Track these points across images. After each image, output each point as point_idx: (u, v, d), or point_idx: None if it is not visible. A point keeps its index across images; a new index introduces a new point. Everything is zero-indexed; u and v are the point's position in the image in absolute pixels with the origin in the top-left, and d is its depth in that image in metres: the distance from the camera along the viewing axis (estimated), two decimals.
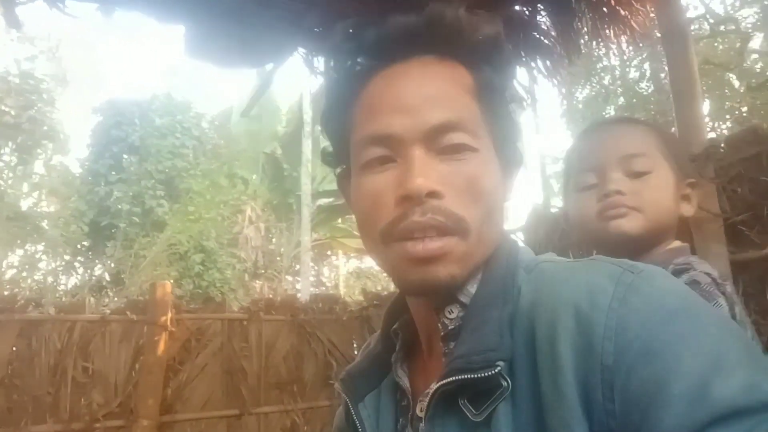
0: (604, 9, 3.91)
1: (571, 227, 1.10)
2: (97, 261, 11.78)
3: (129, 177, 10.98)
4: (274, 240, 14.95)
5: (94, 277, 11.47)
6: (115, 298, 9.77)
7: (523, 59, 3.59)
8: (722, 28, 10.59)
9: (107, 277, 11.23)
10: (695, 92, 2.90)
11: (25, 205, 11.27)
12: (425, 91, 0.59)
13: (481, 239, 0.59)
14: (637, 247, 0.98)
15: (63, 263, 11.66)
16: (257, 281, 13.68)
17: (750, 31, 11.32)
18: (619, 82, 12.85)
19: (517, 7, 3.33)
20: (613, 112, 12.73)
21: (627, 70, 12.56)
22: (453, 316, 0.60)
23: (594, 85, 13.08)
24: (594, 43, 4.62)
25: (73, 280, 11.96)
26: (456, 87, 0.61)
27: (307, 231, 11.84)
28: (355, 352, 4.33)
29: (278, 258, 14.60)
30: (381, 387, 0.69)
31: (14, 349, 3.41)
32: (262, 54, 4.59)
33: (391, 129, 0.59)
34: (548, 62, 3.68)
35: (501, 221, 0.63)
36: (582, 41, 4.41)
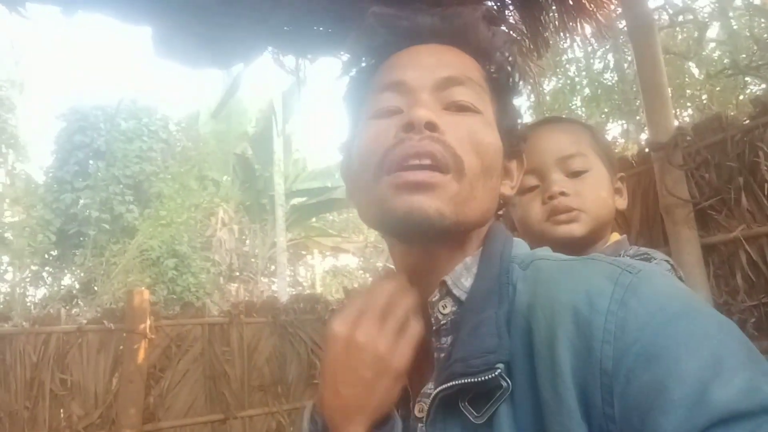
0: (571, 2, 3.99)
1: (518, 229, 1.12)
2: (65, 270, 11.49)
3: (96, 183, 10.72)
4: (248, 242, 14.80)
5: (63, 287, 11.19)
6: (85, 308, 9.54)
7: None
8: (680, 18, 10.87)
9: (77, 287, 10.96)
10: (662, 81, 2.99)
11: None
12: (437, 57, 0.64)
13: (474, 190, 0.58)
14: (583, 244, 1.02)
15: (30, 274, 11.33)
16: (233, 284, 13.53)
17: (707, 20, 11.67)
18: (584, 73, 13.07)
19: (487, 2, 3.37)
20: (579, 104, 12.98)
21: (591, 61, 12.80)
22: (446, 311, 0.59)
23: (560, 77, 13.29)
24: (561, 35, 4.72)
25: (42, 291, 11.65)
26: (466, 64, 0.65)
27: (282, 231, 11.76)
28: None
29: (253, 260, 14.46)
30: None
31: None
32: (230, 54, 4.54)
33: (403, 78, 0.62)
34: (518, 57, 3.75)
35: (495, 191, 0.64)
36: (549, 34, 4.50)
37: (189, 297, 10.21)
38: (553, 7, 4.18)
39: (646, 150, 3.08)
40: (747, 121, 2.65)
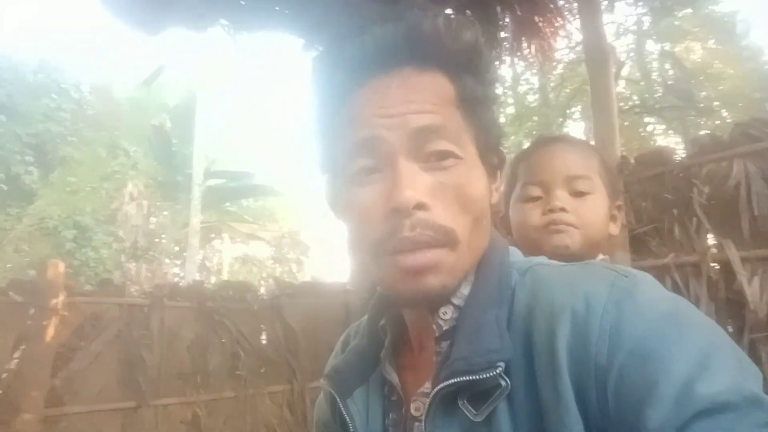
0: (524, 20, 4.16)
1: (513, 232, 1.18)
2: None
3: None
4: (154, 220, 14.00)
5: None
6: None
7: None
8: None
9: None
10: (612, 109, 3.19)
11: None
12: (408, 98, 0.60)
13: (470, 247, 0.61)
14: (572, 260, 1.08)
15: None
16: (134, 263, 12.74)
17: (624, 60, 12.65)
18: (510, 92, 13.66)
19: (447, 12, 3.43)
20: (502, 120, 13.54)
21: (519, 82, 13.41)
22: (447, 317, 0.61)
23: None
24: (510, 55, 4.89)
25: None
26: (436, 96, 0.61)
27: (197, 212, 11.24)
28: (263, 342, 4.21)
29: (158, 239, 13.70)
30: (370, 381, 0.70)
31: None
32: (180, 19, 4.28)
33: (376, 134, 0.59)
34: None
35: (488, 226, 0.65)
36: (499, 50, 4.65)
37: (87, 273, 9.52)
38: (510, 28, 4.34)
39: None
40: (685, 159, 2.89)
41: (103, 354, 3.54)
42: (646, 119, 13.47)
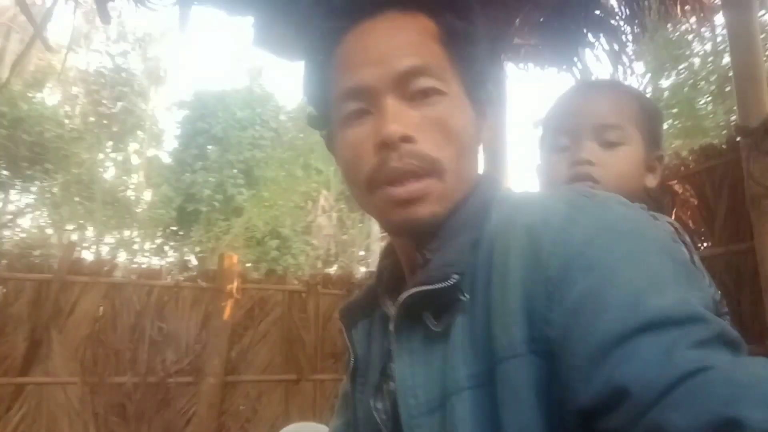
0: None
1: (540, 183, 1.11)
2: (184, 246, 12.66)
3: (212, 166, 11.71)
4: (351, 231, 15.34)
5: (183, 261, 12.31)
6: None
7: (588, 40, 3.53)
8: None
9: (194, 261, 12.04)
10: (756, 61, 2.77)
11: (120, 191, 12.31)
12: (391, 42, 0.63)
13: (458, 177, 0.63)
14: None
15: (155, 246, 12.63)
16: (329, 269, 14.12)
17: None
18: (711, 66, 11.99)
19: None
20: (703, 101, 11.97)
21: (718, 56, 11.72)
22: (431, 247, 0.64)
23: (681, 71, 12.32)
24: (664, 21, 4.44)
25: (162, 264, 12.91)
26: (420, 35, 0.64)
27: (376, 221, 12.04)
28: None
29: (351, 248, 14.96)
30: (375, 317, 0.76)
31: (100, 309, 3.82)
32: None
33: (362, 81, 0.63)
34: (614, 43, 3.60)
35: (475, 158, 0.68)
36: (649, 21, 4.26)
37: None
38: None
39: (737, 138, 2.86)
40: None
41: (270, 333, 4.14)
42: None
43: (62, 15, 18.06)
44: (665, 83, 12.61)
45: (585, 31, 3.46)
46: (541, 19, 3.41)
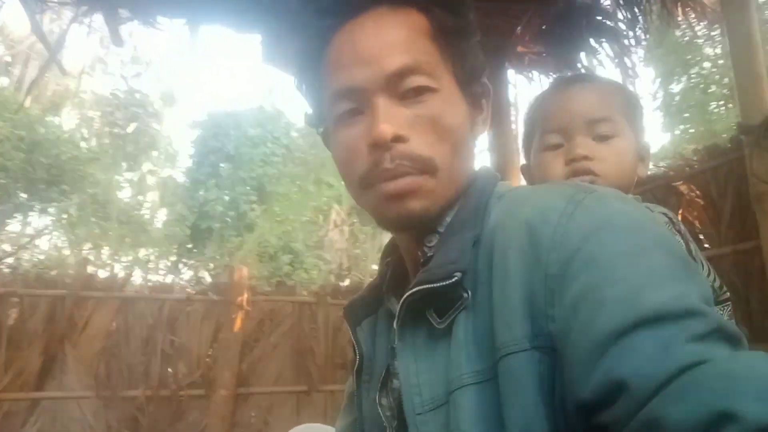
0: None
1: (533, 183, 1.11)
2: (198, 263, 12.76)
3: (224, 183, 11.84)
4: (364, 246, 15.35)
5: (198, 277, 12.41)
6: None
7: (591, 45, 3.55)
8: None
9: (208, 278, 12.13)
10: (755, 58, 2.77)
11: (135, 211, 12.48)
12: (381, 40, 0.63)
13: (451, 173, 0.64)
14: None
15: (170, 263, 12.75)
16: (342, 283, 14.12)
17: None
18: (722, 70, 11.89)
19: None
20: (715, 105, 11.87)
21: (729, 59, 11.61)
22: (432, 244, 0.65)
23: (692, 76, 12.24)
24: (666, 24, 4.44)
25: (177, 281, 13.02)
26: (411, 32, 0.63)
27: (388, 235, 12.05)
28: None
29: (363, 262, 14.96)
30: (379, 314, 0.77)
31: (113, 323, 3.88)
32: None
33: (353, 81, 0.63)
34: (615, 46, 3.61)
35: (470, 154, 0.68)
36: (652, 24, 4.26)
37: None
38: None
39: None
40: None
41: (280, 344, 4.16)
42: None
43: (79, 40, 18.51)
44: (676, 88, 12.54)
45: (587, 36, 3.49)
46: (543, 27, 3.44)
